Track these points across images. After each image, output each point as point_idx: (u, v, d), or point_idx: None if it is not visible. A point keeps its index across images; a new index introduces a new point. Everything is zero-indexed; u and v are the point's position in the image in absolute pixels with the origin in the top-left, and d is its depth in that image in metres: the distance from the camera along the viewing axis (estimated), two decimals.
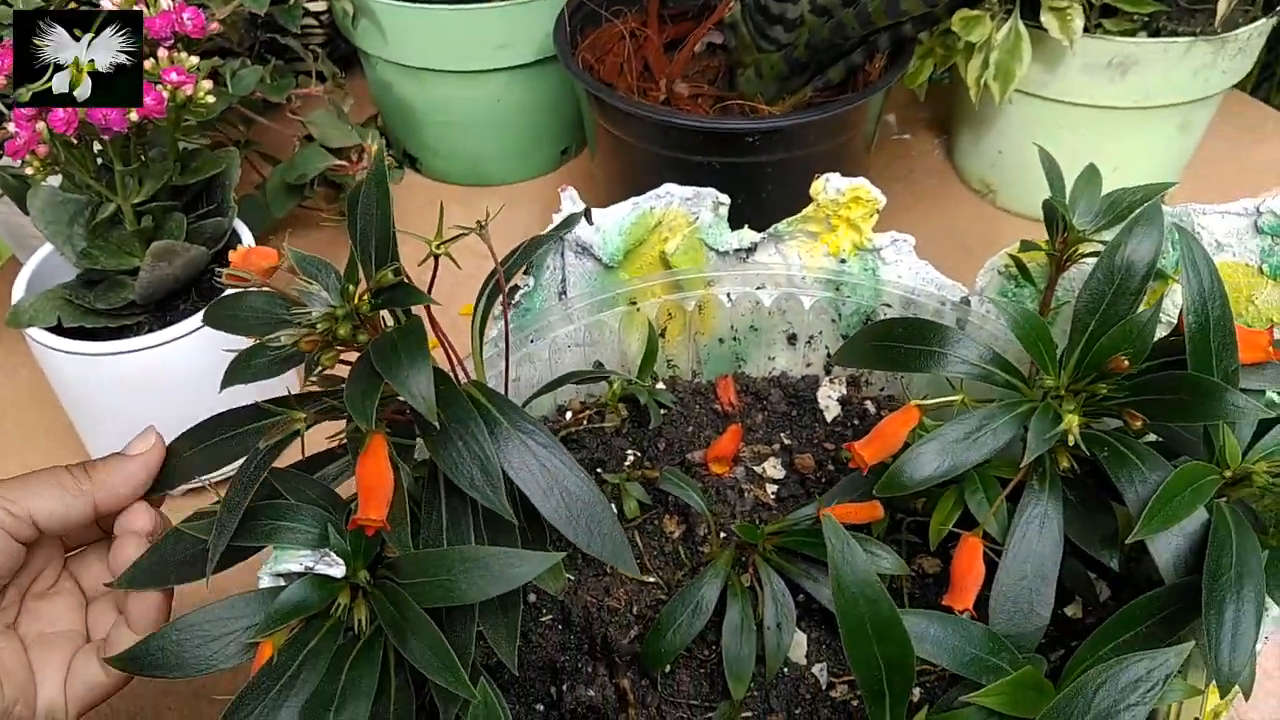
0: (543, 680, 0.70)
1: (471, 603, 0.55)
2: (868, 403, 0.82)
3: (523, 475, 0.56)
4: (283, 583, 0.58)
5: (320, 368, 0.54)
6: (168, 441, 0.65)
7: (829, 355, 0.84)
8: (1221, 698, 0.53)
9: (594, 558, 0.74)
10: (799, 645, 0.70)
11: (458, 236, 0.57)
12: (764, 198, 1.03)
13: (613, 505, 0.76)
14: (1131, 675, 0.50)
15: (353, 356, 0.55)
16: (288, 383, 0.61)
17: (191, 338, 0.88)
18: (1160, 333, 0.64)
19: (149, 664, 0.54)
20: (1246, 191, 1.31)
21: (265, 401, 0.61)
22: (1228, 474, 0.58)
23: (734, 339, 0.84)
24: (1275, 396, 0.64)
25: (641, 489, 0.76)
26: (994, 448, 0.61)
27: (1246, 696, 0.56)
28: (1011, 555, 0.61)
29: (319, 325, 0.55)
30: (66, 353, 0.88)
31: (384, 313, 0.58)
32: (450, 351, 0.63)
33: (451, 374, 0.62)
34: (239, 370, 0.58)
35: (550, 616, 0.72)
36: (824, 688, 0.69)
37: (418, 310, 0.57)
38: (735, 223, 0.82)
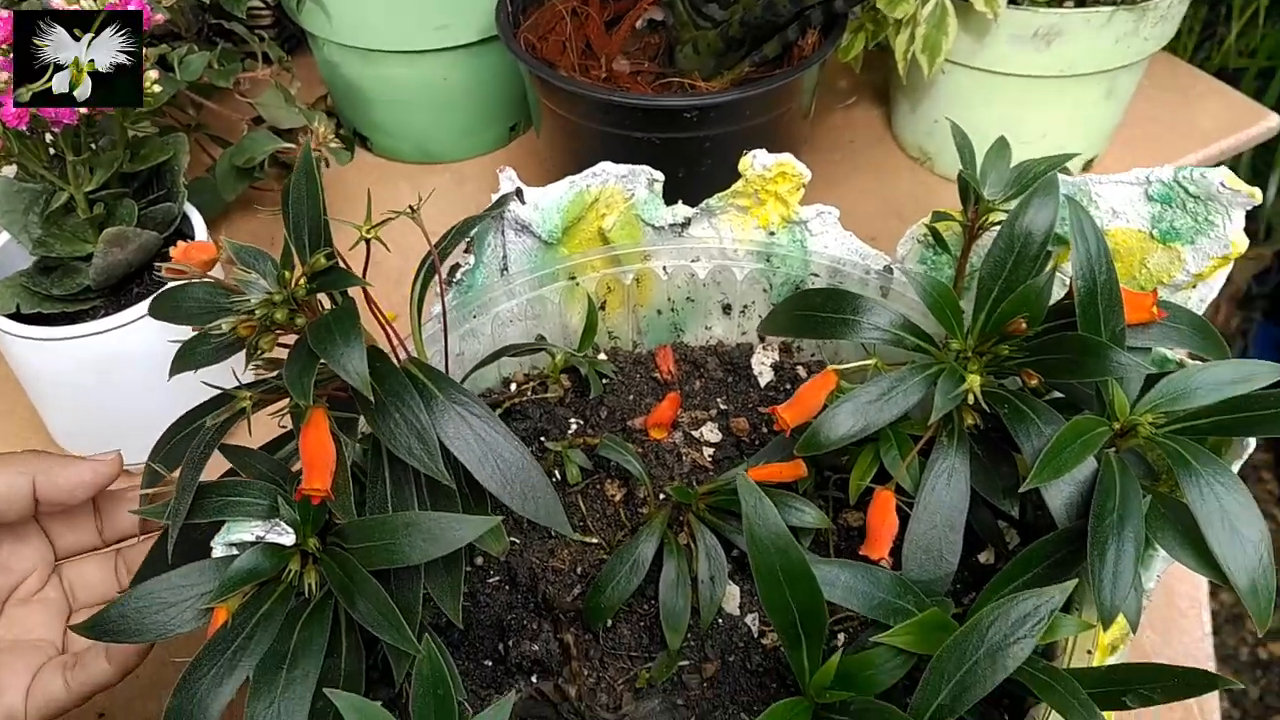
0: (490, 638, 0.74)
1: (415, 564, 0.59)
2: (799, 368, 0.87)
3: (459, 445, 0.60)
4: (236, 552, 0.61)
5: (260, 351, 0.57)
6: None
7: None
8: (1104, 630, 0.57)
9: (539, 522, 0.79)
10: (732, 597, 0.75)
11: (386, 220, 0.60)
12: (703, 171, 1.06)
13: (556, 472, 0.81)
14: (1021, 611, 0.55)
15: (293, 340, 0.59)
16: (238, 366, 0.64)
17: (146, 320, 0.91)
18: (1060, 296, 0.69)
19: (110, 631, 0.58)
20: (1175, 152, 1.36)
21: (217, 387, 0.64)
22: (1116, 426, 0.62)
23: (671, 310, 0.88)
24: (1167, 353, 0.69)
25: (583, 456, 0.80)
26: (904, 407, 0.65)
27: (1134, 629, 0.61)
28: (922, 506, 0.65)
29: (257, 311, 0.58)
30: (25, 338, 0.90)
31: (323, 296, 0.61)
32: (389, 330, 0.66)
33: (392, 352, 0.65)
34: (185, 358, 0.61)
35: (497, 578, 0.76)
36: (755, 636, 0.73)
37: (355, 292, 0.60)
38: (678, 196, 0.85)
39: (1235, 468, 0.60)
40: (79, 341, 0.90)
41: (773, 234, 0.84)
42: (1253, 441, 0.61)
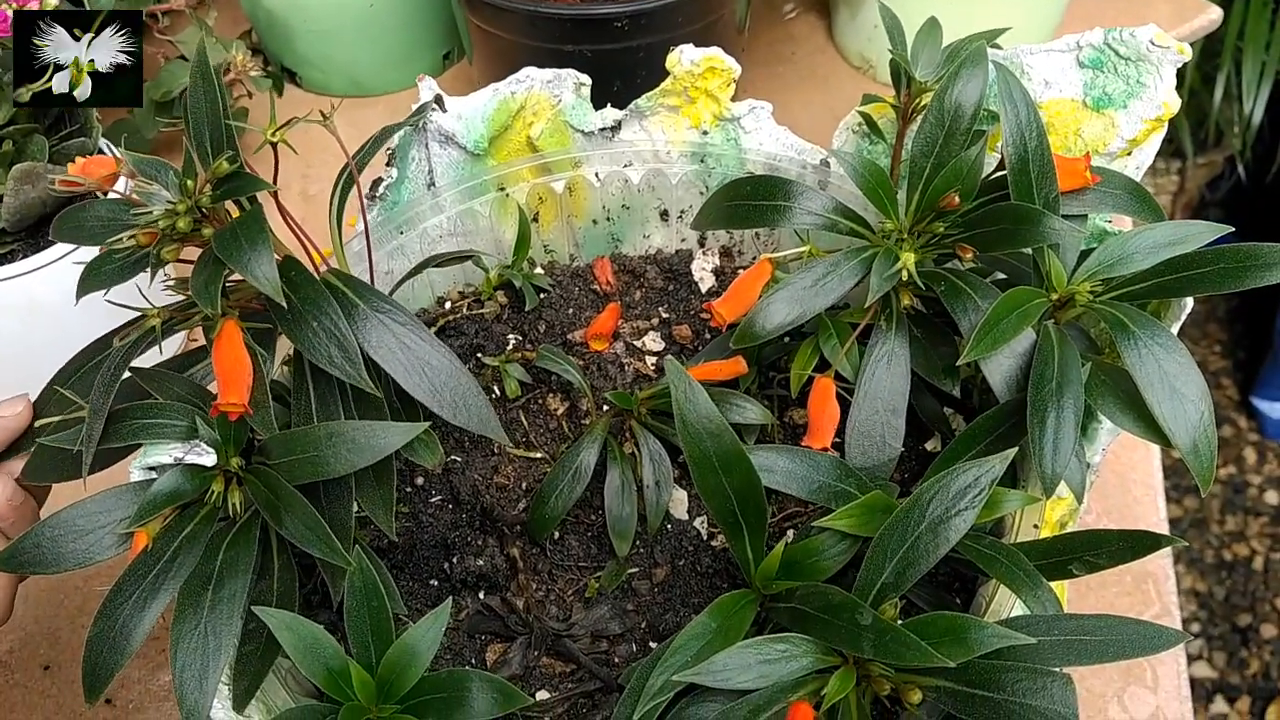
0: (435, 558, 0.72)
1: (342, 475, 0.57)
2: (741, 272, 0.84)
3: (384, 354, 0.58)
4: (154, 475, 0.59)
5: (163, 263, 0.55)
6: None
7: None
8: (1047, 497, 0.56)
9: (483, 439, 0.77)
10: (680, 502, 0.73)
11: (291, 122, 0.58)
12: (639, 83, 1.03)
13: (495, 388, 0.79)
14: (961, 483, 0.54)
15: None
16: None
17: (65, 263, 0.88)
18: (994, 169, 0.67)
19: (25, 561, 0.56)
20: None
21: (126, 306, 0.61)
22: (1054, 297, 0.61)
23: (607, 219, 0.86)
24: (1104, 225, 0.68)
25: (522, 369, 0.78)
26: (841, 292, 0.64)
27: (1079, 499, 0.60)
28: (863, 392, 0.64)
29: (160, 222, 0.55)
30: None
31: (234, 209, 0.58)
32: (307, 243, 0.64)
33: (312, 267, 0.63)
34: (91, 278, 0.59)
35: (440, 497, 0.74)
36: (705, 539, 0.72)
37: (270, 207, 0.57)
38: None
39: (1174, 329, 0.59)
40: None
41: (706, 133, 0.82)
42: (1189, 302, 0.60)
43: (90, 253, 0.58)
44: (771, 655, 0.53)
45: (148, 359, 0.60)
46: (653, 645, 0.69)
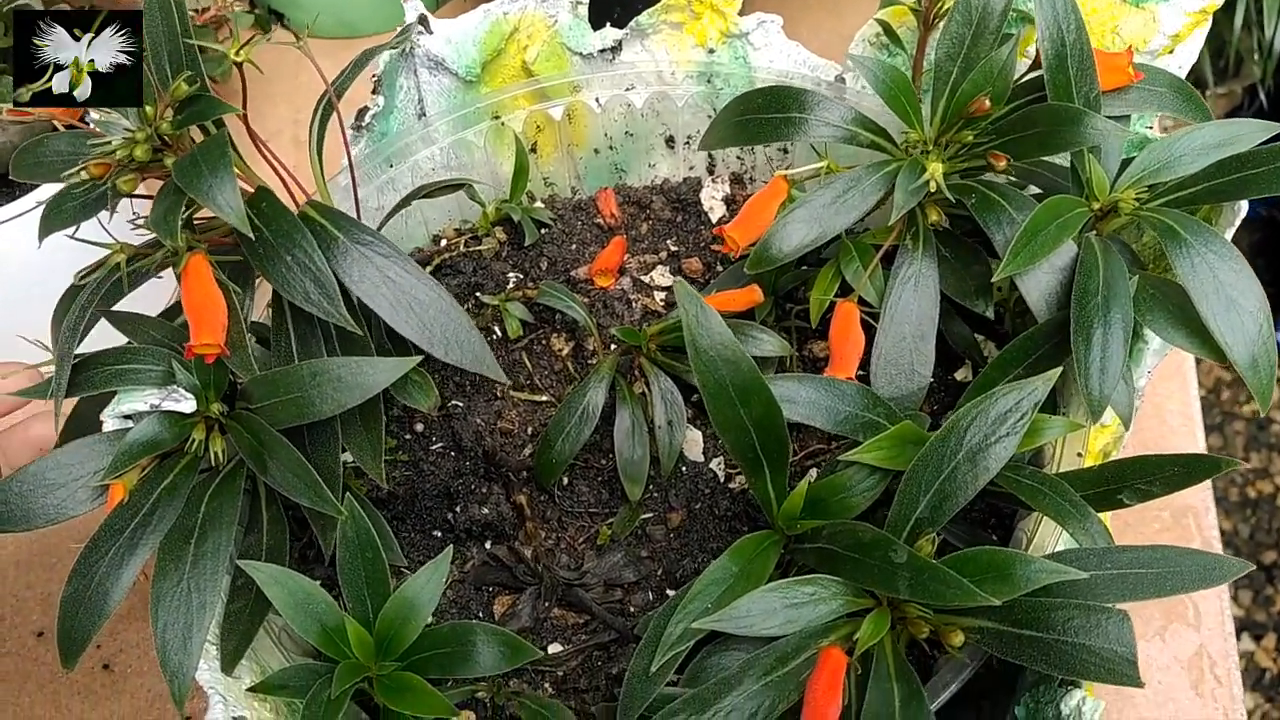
0: (438, 508, 0.68)
1: (328, 418, 0.53)
2: None
3: (367, 290, 0.53)
4: (129, 424, 0.55)
5: (121, 196, 0.51)
6: None
7: (710, 156, 0.81)
8: (1094, 422, 0.52)
9: (484, 382, 0.73)
10: (695, 443, 0.69)
11: (254, 40, 0.53)
12: (639, 8, 0.98)
13: (496, 328, 0.74)
14: (1001, 408, 0.49)
15: None
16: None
17: (36, 214, 0.83)
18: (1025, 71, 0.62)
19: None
20: None
21: (92, 243, 0.57)
22: (1095, 206, 0.56)
23: (610, 148, 0.81)
24: (1145, 132, 0.63)
25: (523, 308, 0.73)
26: (863, 209, 0.59)
27: (1126, 425, 0.56)
28: (889, 317, 0.59)
29: (118, 152, 0.51)
30: None
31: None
32: (287, 175, 0.59)
33: (291, 199, 0.58)
34: (52, 217, 0.54)
35: (441, 444, 0.70)
36: (721, 480, 0.68)
37: (242, 137, 0.53)
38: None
39: (1228, 236, 0.55)
40: None
41: (712, 51, 0.76)
42: (1244, 205, 0.55)
43: None
44: (798, 598, 0.49)
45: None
46: (670, 593, 0.65)
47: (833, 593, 0.49)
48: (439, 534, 0.68)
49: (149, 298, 0.60)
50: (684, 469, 0.69)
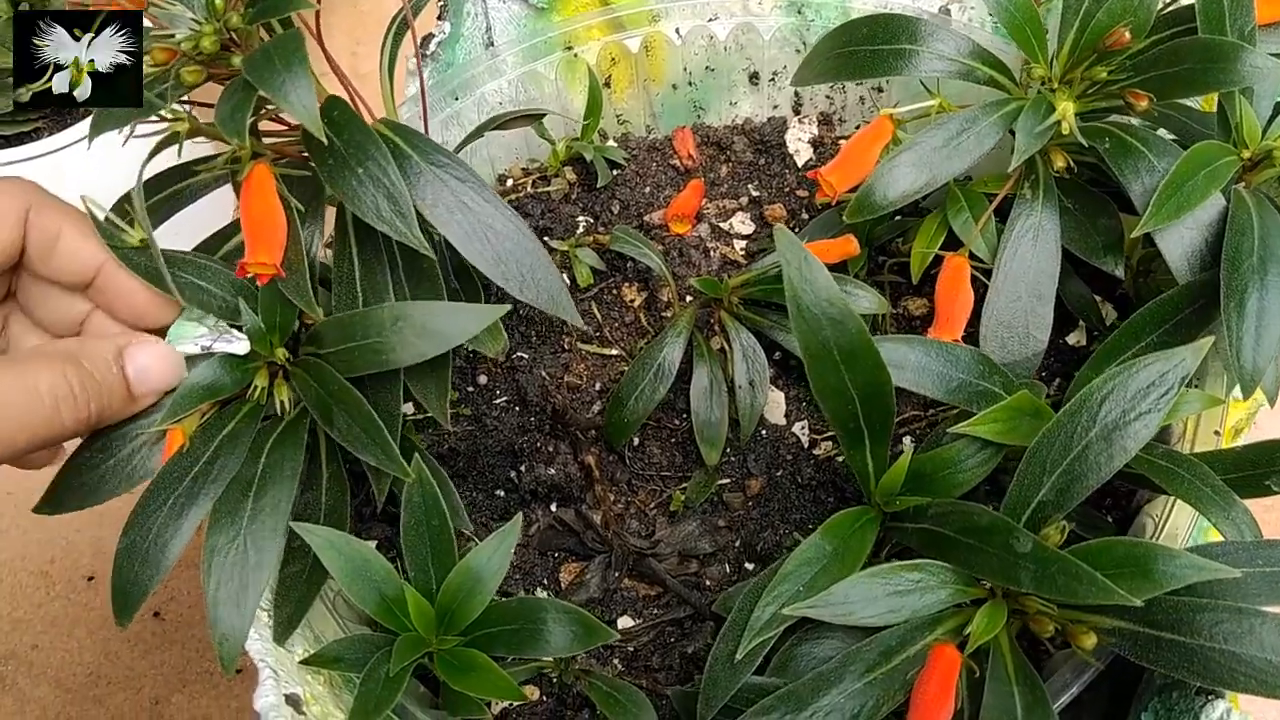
0: (501, 466, 0.64)
1: (403, 366, 0.49)
2: (842, 142, 0.74)
3: (440, 215, 0.48)
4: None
5: (183, 87, 0.46)
6: None
7: (796, 94, 0.75)
8: (1245, 398, 0.46)
9: (550, 333, 0.68)
10: (776, 405, 0.64)
11: None
12: None
13: (564, 276, 0.69)
14: (1143, 380, 0.44)
15: None
16: None
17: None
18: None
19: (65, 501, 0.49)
20: None
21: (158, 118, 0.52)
22: (1246, 155, 0.50)
23: (689, 84, 0.75)
24: None
25: (594, 255, 0.68)
26: (978, 153, 0.53)
27: (1271, 403, 0.50)
28: (1003, 274, 0.54)
29: (184, 43, 0.46)
30: None
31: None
32: (355, 94, 0.54)
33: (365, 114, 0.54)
34: (105, 119, 0.50)
35: (505, 398, 0.66)
36: (806, 446, 0.63)
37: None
38: None
39: None
40: (19, 166, 0.79)
41: None
42: None
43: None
44: (903, 585, 0.45)
45: None
46: (748, 566, 0.60)
47: (941, 580, 0.45)
48: (502, 494, 0.64)
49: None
50: (764, 432, 0.64)
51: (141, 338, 0.50)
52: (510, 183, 0.73)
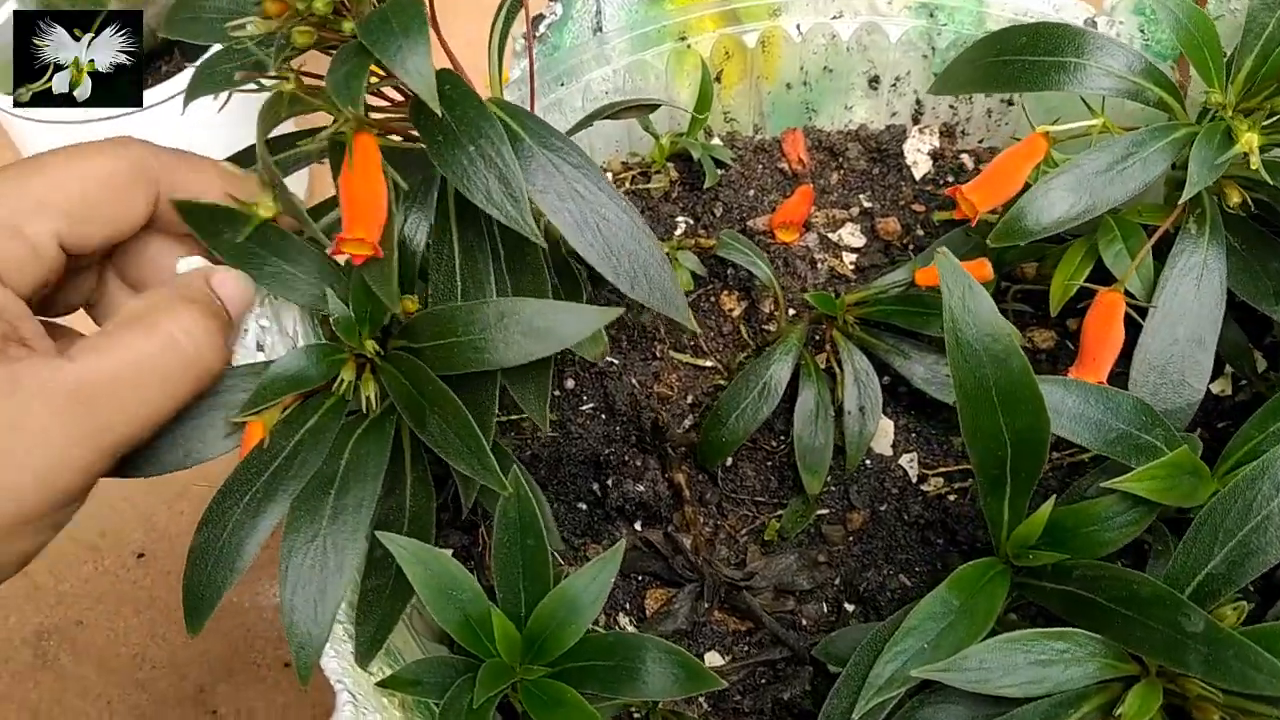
0: (585, 476, 0.61)
1: (504, 366, 0.45)
2: (964, 156, 0.69)
3: (550, 201, 0.44)
4: (260, 356, 0.48)
5: (291, 50, 0.42)
6: None
7: (918, 101, 0.70)
8: None
9: (642, 340, 0.64)
10: (884, 434, 0.60)
11: None
12: None
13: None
14: None
15: None
16: None
17: (178, 101, 0.76)
18: None
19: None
20: None
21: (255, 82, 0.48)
22: None
23: (804, 84, 0.71)
24: None
25: (695, 259, 0.64)
26: (1144, 181, 0.48)
27: None
28: (1160, 315, 0.49)
29: (297, 2, 0.43)
30: (41, 122, 0.77)
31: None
32: (460, 68, 0.50)
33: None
34: (203, 80, 0.47)
35: (592, 405, 0.62)
36: (914, 481, 0.59)
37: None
38: None
39: None
40: (101, 125, 0.76)
41: None
42: None
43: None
44: (1047, 655, 0.40)
45: None
46: (848, 608, 0.56)
47: (1089, 652, 0.40)
48: (584, 507, 0.61)
49: None
50: (868, 463, 0.60)
51: (210, 265, 0.47)
52: (610, 176, 0.69)
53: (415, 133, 0.44)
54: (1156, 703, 0.39)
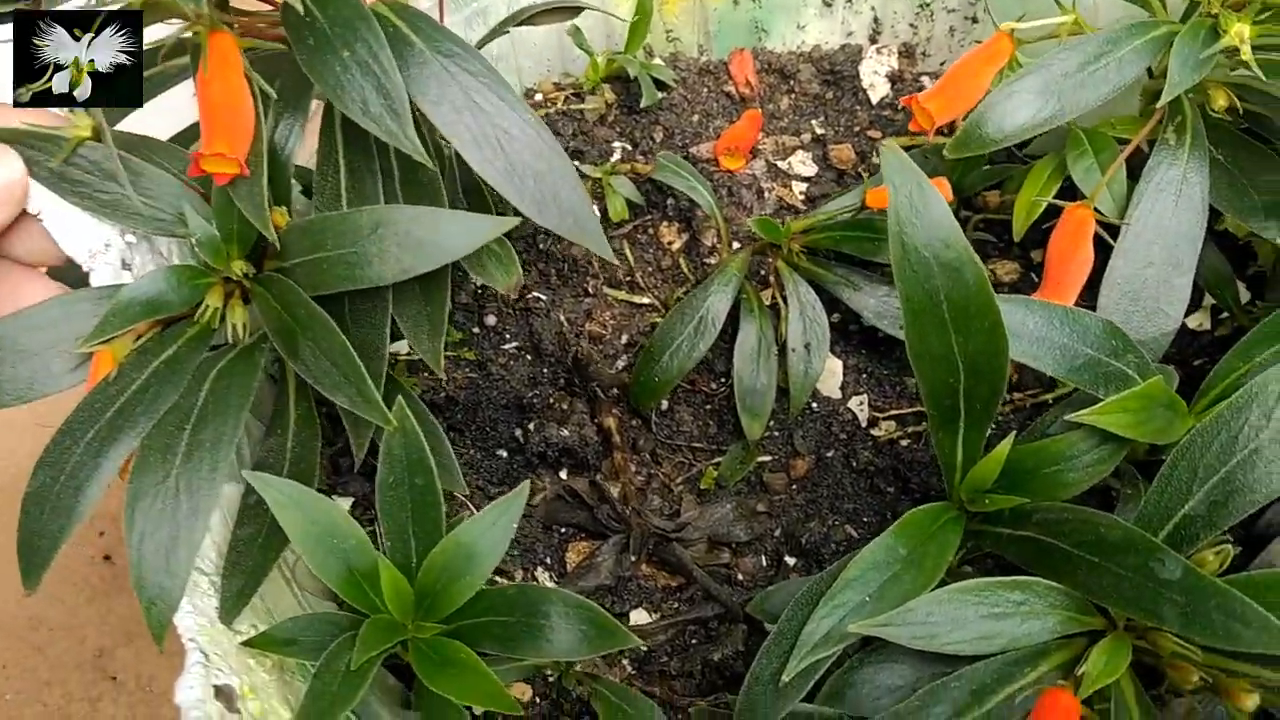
0: (507, 421, 0.55)
1: (386, 284, 0.39)
2: (925, 79, 0.64)
3: (444, 114, 0.39)
4: (129, 277, 0.42)
5: None
6: None
7: (875, 19, 0.65)
8: None
9: (573, 274, 0.59)
10: (832, 374, 0.55)
11: None
12: None
13: (595, 207, 0.60)
14: None
15: None
16: None
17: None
18: None
19: None
20: None
21: None
22: None
23: (753, 1, 0.65)
24: None
25: (631, 185, 0.59)
26: (1118, 84, 0.43)
27: None
28: (1134, 234, 0.44)
29: None
30: None
31: None
32: None
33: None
34: None
35: (516, 344, 0.56)
36: (864, 425, 0.54)
37: None
38: None
39: None
40: None
41: None
42: None
43: None
44: (1001, 607, 0.35)
45: None
46: (789, 561, 0.51)
47: (1049, 604, 0.36)
48: (504, 454, 0.55)
49: None
50: (814, 405, 0.55)
51: None
52: (540, 98, 0.64)
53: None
54: (1125, 660, 0.34)
